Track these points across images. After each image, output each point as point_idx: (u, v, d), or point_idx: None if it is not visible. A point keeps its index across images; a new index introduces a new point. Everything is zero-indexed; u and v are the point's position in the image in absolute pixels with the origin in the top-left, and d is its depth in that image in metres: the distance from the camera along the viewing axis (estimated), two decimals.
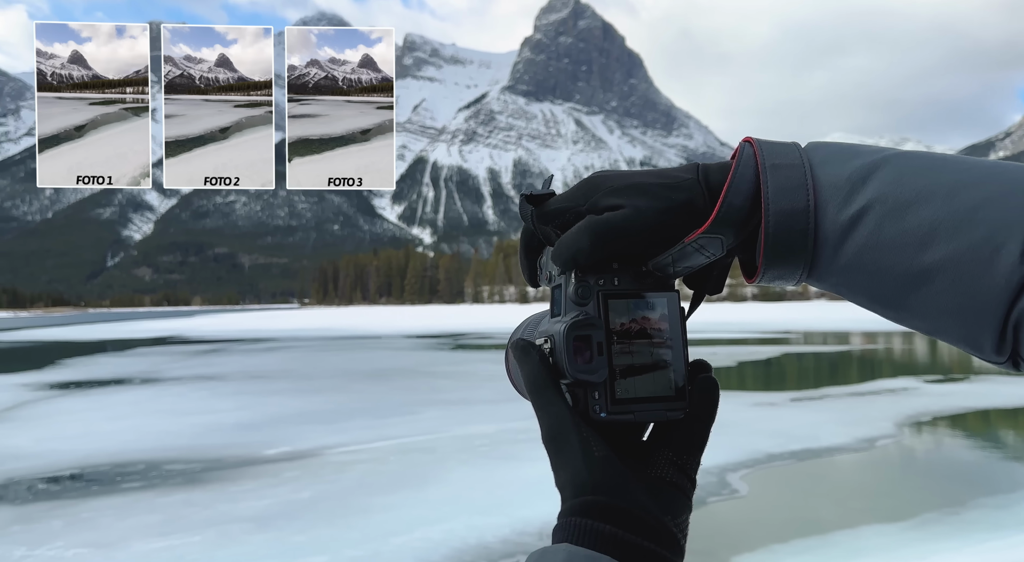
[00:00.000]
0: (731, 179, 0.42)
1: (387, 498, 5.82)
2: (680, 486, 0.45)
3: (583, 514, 0.42)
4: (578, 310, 0.45)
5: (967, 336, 0.39)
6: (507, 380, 0.57)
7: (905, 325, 0.43)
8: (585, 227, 0.44)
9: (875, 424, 9.04)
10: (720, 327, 35.27)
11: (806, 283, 0.44)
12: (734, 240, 0.43)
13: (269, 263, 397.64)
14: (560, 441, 0.44)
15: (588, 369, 0.44)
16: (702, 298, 0.50)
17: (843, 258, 0.41)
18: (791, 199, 0.41)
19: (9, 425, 9.84)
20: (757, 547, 4.80)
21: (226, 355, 23.21)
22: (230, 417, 10.13)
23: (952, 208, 0.38)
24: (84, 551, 4.72)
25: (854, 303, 0.44)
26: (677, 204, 0.43)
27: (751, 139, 0.44)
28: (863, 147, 0.44)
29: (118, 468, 7.13)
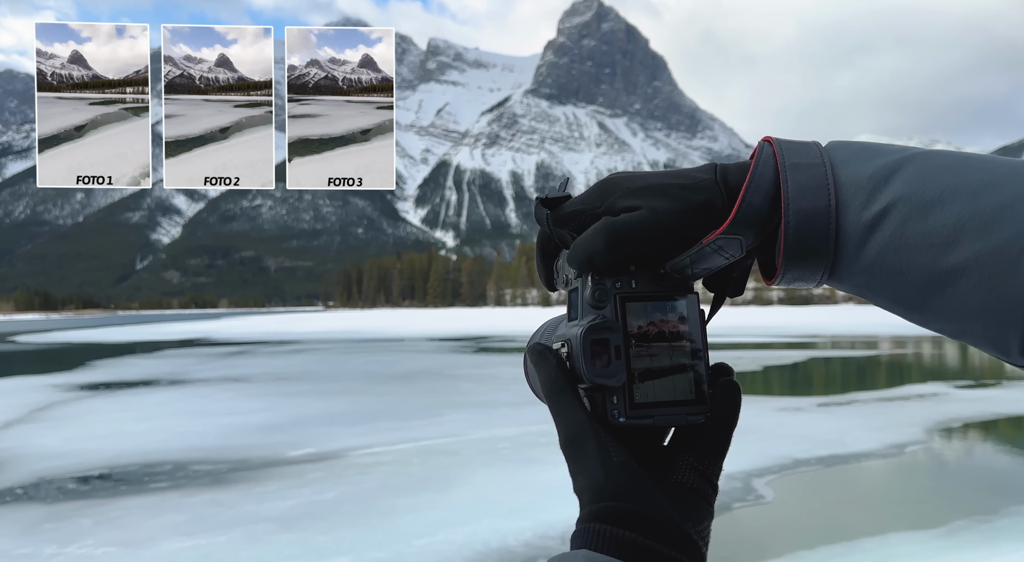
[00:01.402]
0: (750, 178, 0.41)
1: (410, 500, 5.84)
2: (702, 492, 0.44)
3: (602, 520, 0.41)
4: (595, 313, 0.45)
5: (993, 338, 0.38)
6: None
7: (929, 328, 0.41)
8: (601, 228, 0.43)
9: (904, 430, 8.89)
10: (746, 331, 34.93)
11: (827, 285, 0.43)
12: (753, 241, 0.42)
13: (294, 266, 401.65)
14: (578, 446, 0.43)
15: (606, 373, 0.43)
16: (722, 301, 0.49)
17: (865, 259, 0.40)
18: (812, 199, 0.40)
19: (40, 425, 10.03)
20: (784, 553, 4.74)
21: (252, 357, 23.47)
22: (255, 418, 10.24)
23: (977, 208, 0.37)
24: (113, 550, 4.79)
25: (876, 305, 0.43)
26: (695, 205, 0.42)
27: (770, 138, 0.43)
28: (885, 146, 0.43)
29: (146, 468, 7.24)
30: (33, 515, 5.68)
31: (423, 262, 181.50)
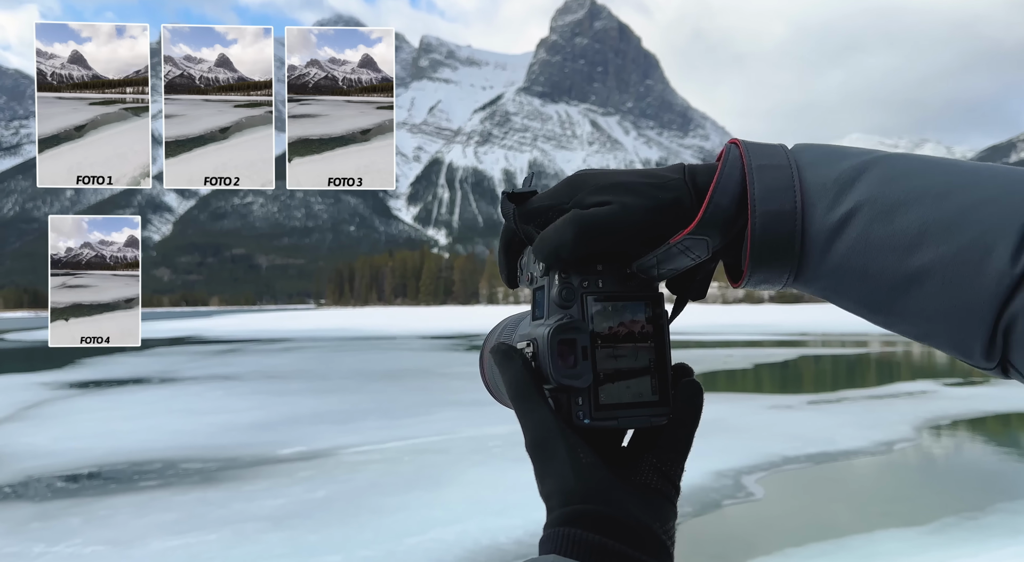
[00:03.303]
0: (717, 180, 0.41)
1: (401, 498, 5.83)
2: (665, 493, 0.44)
3: (571, 523, 0.41)
4: (562, 312, 0.44)
5: (956, 341, 0.38)
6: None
7: (894, 330, 0.41)
8: (570, 220, 0.43)
9: (893, 427, 8.94)
10: (736, 329, 35.06)
11: (793, 287, 0.43)
12: (720, 242, 0.42)
13: (286, 264, 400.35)
14: (546, 448, 0.42)
15: (573, 374, 0.43)
16: (685, 303, 0.48)
17: (831, 261, 0.40)
18: (778, 200, 0.40)
19: (28, 424, 9.97)
20: (772, 551, 4.77)
21: (242, 355, 23.38)
22: (246, 417, 10.21)
23: (941, 210, 0.37)
24: (102, 548, 4.77)
25: (842, 307, 0.43)
26: (664, 203, 0.42)
27: (737, 140, 0.43)
28: (851, 149, 0.43)
29: (135, 467, 7.20)
30: (21, 514, 5.65)
31: (415, 260, 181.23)
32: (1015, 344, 0.36)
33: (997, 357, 0.38)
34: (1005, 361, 0.38)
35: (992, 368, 0.39)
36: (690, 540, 5.04)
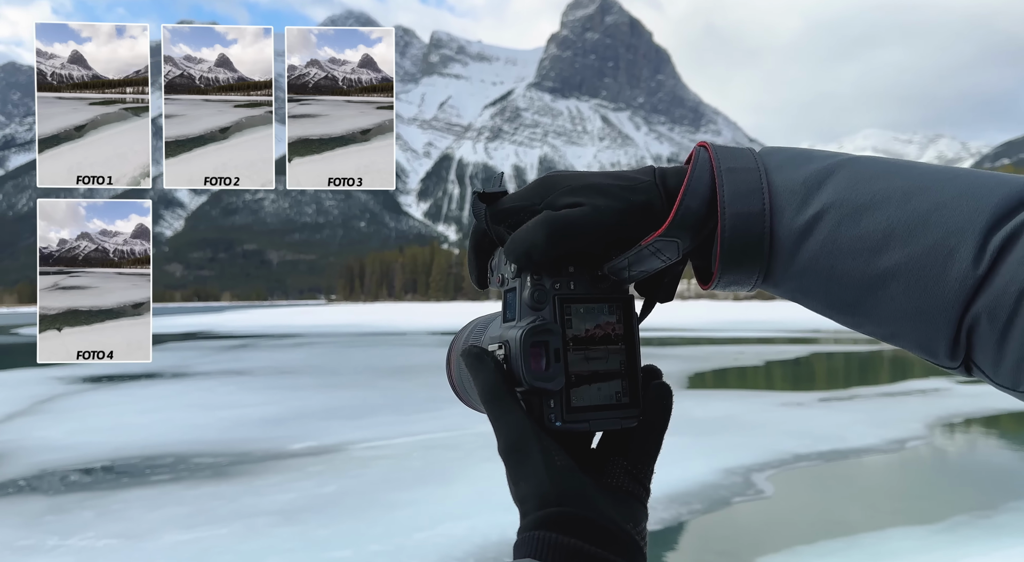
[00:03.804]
0: (687, 182, 0.42)
1: (411, 493, 5.85)
2: (636, 494, 0.44)
3: (547, 527, 0.41)
4: (534, 315, 0.44)
5: (921, 341, 0.39)
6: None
7: (861, 331, 0.42)
8: (542, 222, 0.43)
9: (905, 425, 8.89)
10: (748, 326, 34.94)
11: (762, 288, 0.44)
12: (690, 244, 0.42)
13: (297, 260, 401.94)
14: (520, 452, 0.42)
15: (545, 376, 0.43)
16: (653, 305, 0.49)
17: (799, 263, 0.41)
18: (747, 202, 0.41)
19: (42, 418, 10.07)
20: (782, 548, 4.75)
21: (254, 350, 23.51)
22: (257, 412, 10.27)
23: (906, 212, 0.38)
24: (114, 542, 4.81)
25: (810, 309, 0.43)
26: (635, 205, 0.43)
27: (706, 143, 0.44)
28: (818, 152, 0.43)
29: (148, 461, 7.26)
30: (35, 507, 5.71)
31: (425, 256, 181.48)
32: (978, 343, 0.37)
33: (961, 356, 0.38)
34: (968, 360, 0.38)
35: (956, 367, 0.39)
36: (700, 537, 5.03)
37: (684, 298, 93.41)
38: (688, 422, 8.89)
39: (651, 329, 32.36)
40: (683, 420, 9.10)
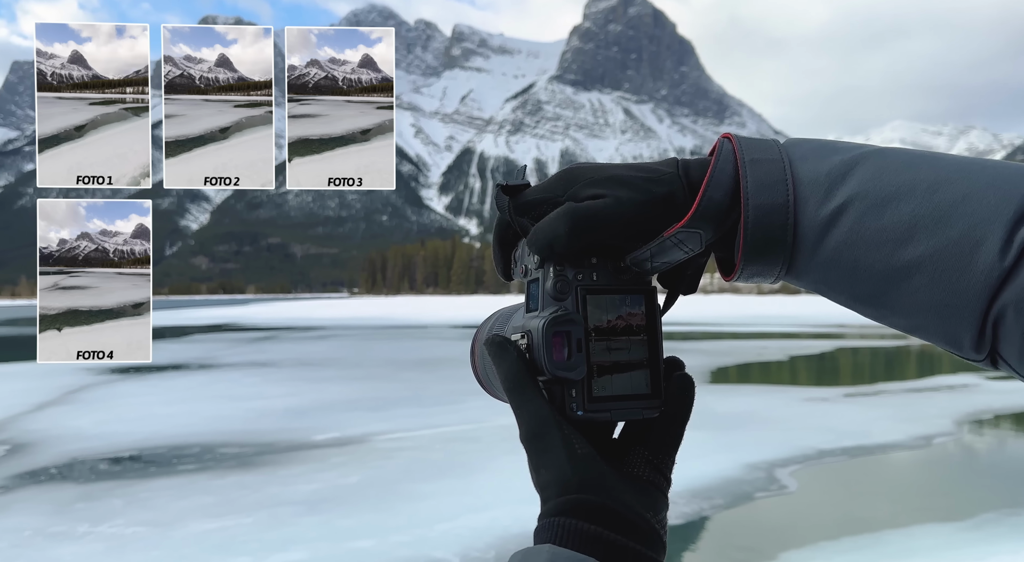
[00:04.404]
0: (711, 173, 0.42)
1: (432, 485, 5.89)
2: (657, 484, 0.45)
3: (568, 514, 0.41)
4: (556, 305, 0.44)
5: (946, 333, 0.39)
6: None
7: (885, 323, 0.42)
8: (564, 213, 0.43)
9: (932, 421, 8.77)
10: (771, 320, 34.62)
11: (784, 280, 0.43)
12: (713, 235, 0.42)
13: (320, 253, 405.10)
14: (541, 439, 0.43)
15: (567, 366, 0.43)
16: (676, 297, 0.49)
17: (822, 255, 0.40)
18: (770, 194, 0.41)
19: (73, 408, 10.27)
20: (805, 544, 4.72)
21: (278, 342, 23.76)
22: (281, 403, 10.39)
23: (932, 204, 0.38)
24: (142, 530, 4.91)
25: (833, 301, 0.43)
26: (658, 197, 0.43)
27: (730, 135, 0.44)
28: (843, 143, 0.43)
29: (175, 451, 7.39)
30: (66, 495, 5.83)
31: (446, 249, 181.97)
32: (1004, 336, 0.37)
33: (986, 349, 0.38)
34: (994, 353, 0.38)
35: (981, 360, 0.39)
36: (722, 532, 5.01)
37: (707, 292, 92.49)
38: (710, 417, 8.84)
39: (674, 323, 32.19)
40: (705, 415, 9.06)
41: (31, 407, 10.14)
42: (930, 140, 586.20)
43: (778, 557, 4.50)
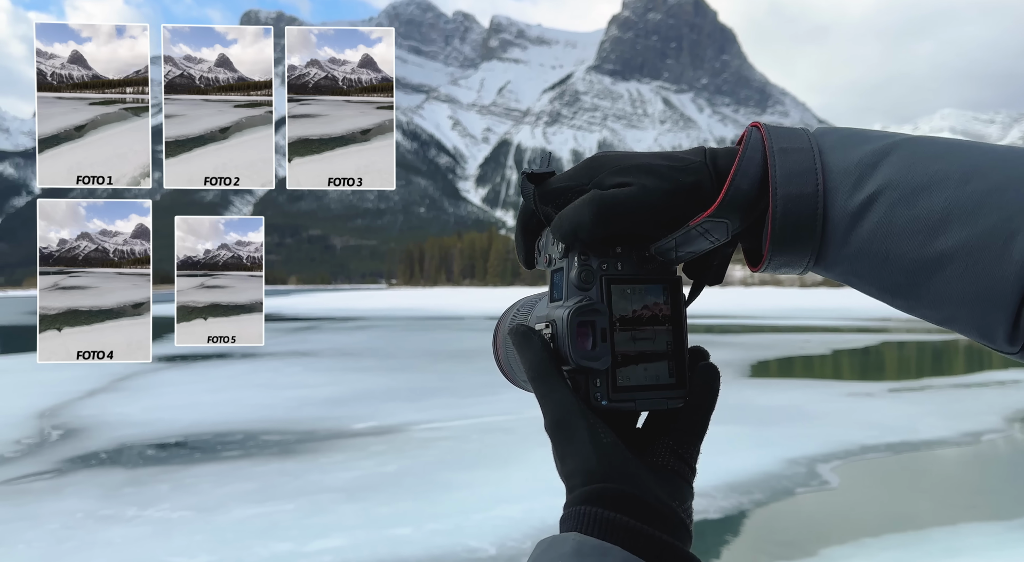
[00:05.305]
0: (739, 162, 0.41)
1: (468, 475, 5.93)
2: (682, 473, 0.44)
3: (593, 502, 0.41)
4: (581, 295, 0.44)
5: (979, 325, 0.38)
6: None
7: (916, 315, 0.41)
8: (589, 200, 0.43)
9: (981, 418, 8.52)
10: (815, 313, 33.98)
11: (813, 271, 0.43)
12: (740, 225, 0.42)
13: (359, 245, 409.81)
14: (566, 428, 0.43)
15: (592, 355, 0.43)
16: (701, 288, 0.48)
17: (852, 245, 0.40)
18: (799, 183, 0.40)
19: (121, 395, 10.59)
20: (847, 540, 4.64)
21: (319, 333, 24.13)
22: (321, 392, 10.56)
23: (965, 194, 0.37)
24: (187, 514, 5.04)
25: (863, 292, 0.42)
26: (685, 186, 0.42)
27: (759, 124, 0.43)
28: (873, 132, 0.42)
29: (218, 437, 7.56)
30: (115, 479, 6.02)
31: (483, 241, 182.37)
32: None
33: (1020, 341, 0.37)
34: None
35: (1015, 352, 0.39)
36: (762, 527, 4.95)
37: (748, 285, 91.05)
38: (751, 411, 8.73)
39: (714, 316, 31.82)
40: (746, 409, 8.94)
41: (82, 394, 10.49)
42: (981, 129, 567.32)
43: (818, 553, 4.43)
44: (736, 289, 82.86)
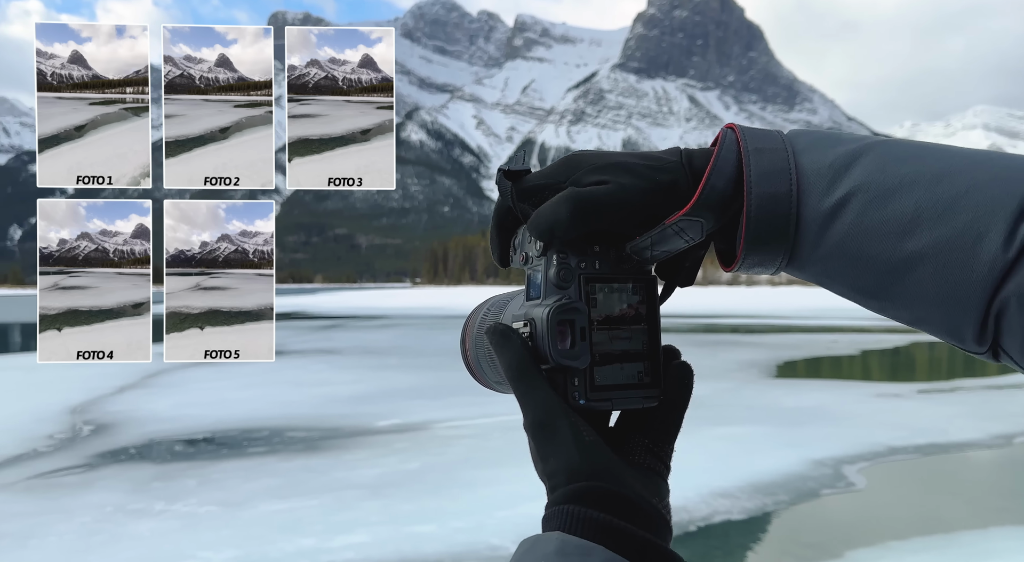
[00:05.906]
0: (714, 162, 0.42)
1: (491, 472, 5.95)
2: (657, 471, 0.45)
3: (576, 501, 0.41)
4: (559, 293, 0.44)
5: (949, 326, 0.39)
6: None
7: (887, 315, 0.42)
8: (566, 198, 0.43)
9: (1013, 420, 8.35)
10: (842, 313, 33.50)
11: (786, 272, 0.43)
12: (714, 224, 0.42)
13: (384, 244, 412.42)
14: (549, 427, 0.43)
15: (571, 354, 0.43)
16: (673, 289, 0.49)
17: (825, 246, 0.40)
18: (773, 183, 0.41)
19: (151, 391, 10.78)
20: (874, 542, 4.57)
21: (344, 331, 24.33)
22: (346, 390, 10.65)
23: (935, 196, 0.38)
24: (214, 509, 5.12)
25: (835, 293, 0.43)
26: (661, 185, 0.43)
27: (734, 125, 0.43)
28: (847, 134, 0.43)
29: (245, 434, 7.67)
30: (144, 474, 6.13)
31: None
32: (1006, 329, 0.37)
33: (988, 342, 0.38)
34: (996, 346, 0.38)
35: (983, 353, 0.39)
36: (787, 528, 4.90)
37: (775, 284, 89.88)
38: (777, 411, 8.64)
39: (741, 316, 31.54)
40: (772, 409, 8.85)
41: (112, 390, 10.69)
42: (1017, 125, 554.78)
43: (844, 555, 4.38)
44: (763, 289, 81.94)
